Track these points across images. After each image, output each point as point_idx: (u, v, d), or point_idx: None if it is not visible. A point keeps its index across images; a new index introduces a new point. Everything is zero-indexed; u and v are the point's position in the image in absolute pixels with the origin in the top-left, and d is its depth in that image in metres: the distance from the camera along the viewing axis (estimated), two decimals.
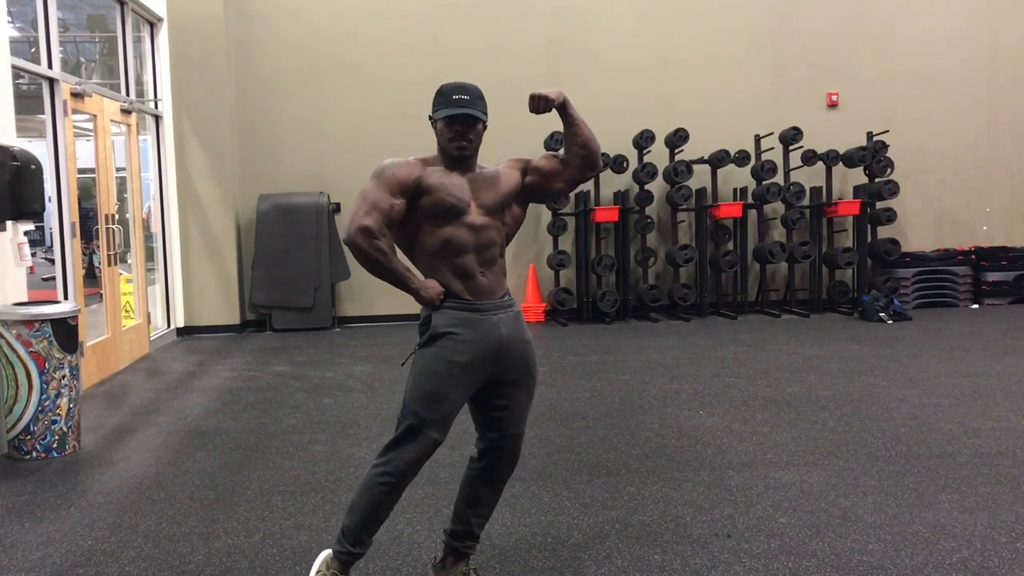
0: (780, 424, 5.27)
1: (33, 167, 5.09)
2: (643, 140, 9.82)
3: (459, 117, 2.80)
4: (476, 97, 2.84)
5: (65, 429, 5.01)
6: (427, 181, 2.80)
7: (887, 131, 10.22)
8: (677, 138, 9.83)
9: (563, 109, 2.93)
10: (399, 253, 2.84)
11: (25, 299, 5.38)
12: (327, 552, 2.90)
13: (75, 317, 5.10)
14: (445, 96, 2.84)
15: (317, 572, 2.85)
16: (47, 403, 4.92)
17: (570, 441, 5.01)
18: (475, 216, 2.82)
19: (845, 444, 4.82)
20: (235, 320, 9.66)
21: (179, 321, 9.52)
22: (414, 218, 2.80)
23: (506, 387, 2.89)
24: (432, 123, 2.89)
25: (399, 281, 2.79)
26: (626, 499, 4.02)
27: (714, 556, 3.36)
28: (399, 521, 3.77)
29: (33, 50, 6.87)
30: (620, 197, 9.91)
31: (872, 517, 3.73)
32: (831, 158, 10.10)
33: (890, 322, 9.25)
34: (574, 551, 3.44)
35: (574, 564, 3.32)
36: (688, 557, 3.36)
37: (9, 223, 5.20)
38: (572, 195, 9.84)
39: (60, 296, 6.60)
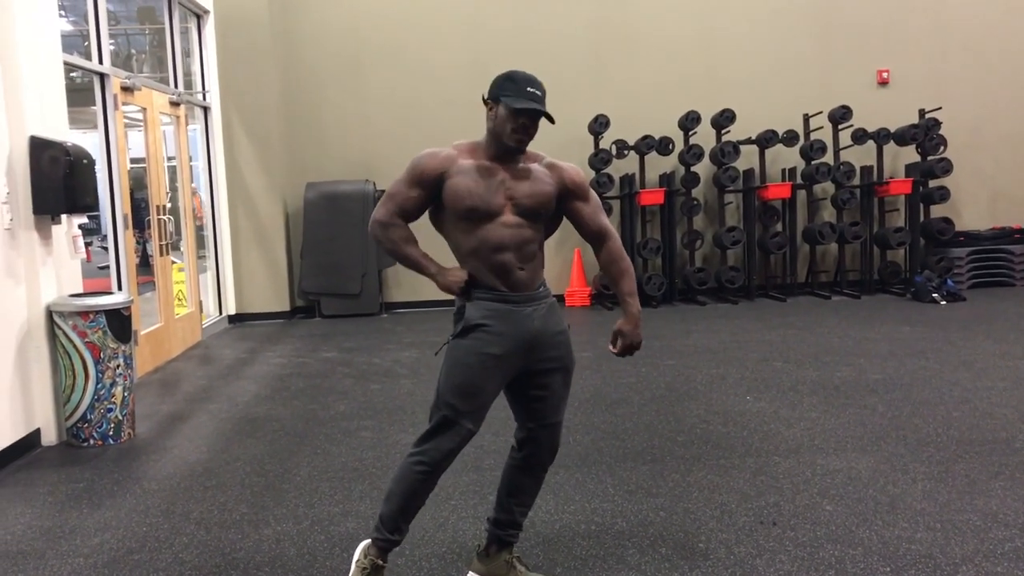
0: (829, 409, 5.21)
1: (85, 162, 5.20)
2: (689, 121, 9.72)
3: (529, 112, 2.74)
4: (544, 93, 2.80)
5: (120, 417, 5.14)
6: (452, 178, 2.77)
7: (939, 108, 9.99)
8: (724, 119, 9.71)
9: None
10: (446, 249, 2.88)
11: (80, 290, 5.51)
12: (366, 541, 2.95)
13: (128, 308, 5.21)
14: (517, 84, 2.77)
15: (357, 562, 2.89)
16: (103, 392, 5.05)
17: (615, 427, 5.01)
18: (509, 215, 2.78)
19: (895, 429, 4.75)
20: (285, 307, 9.80)
21: (230, 308, 9.68)
22: (447, 215, 2.81)
23: (541, 377, 2.89)
24: (487, 105, 2.83)
25: (417, 267, 2.86)
26: (671, 486, 4.02)
27: (759, 544, 3.34)
28: (444, 508, 3.81)
29: (86, 43, 7.00)
30: (666, 179, 9.83)
31: (921, 504, 3.68)
32: (882, 136, 9.91)
33: (943, 303, 9.07)
34: (618, 538, 3.45)
35: (618, 551, 3.33)
36: (733, 545, 3.34)
37: (63, 216, 5.32)
38: (616, 178, 9.78)
39: (114, 287, 6.75)
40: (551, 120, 2.83)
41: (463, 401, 2.76)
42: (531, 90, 2.75)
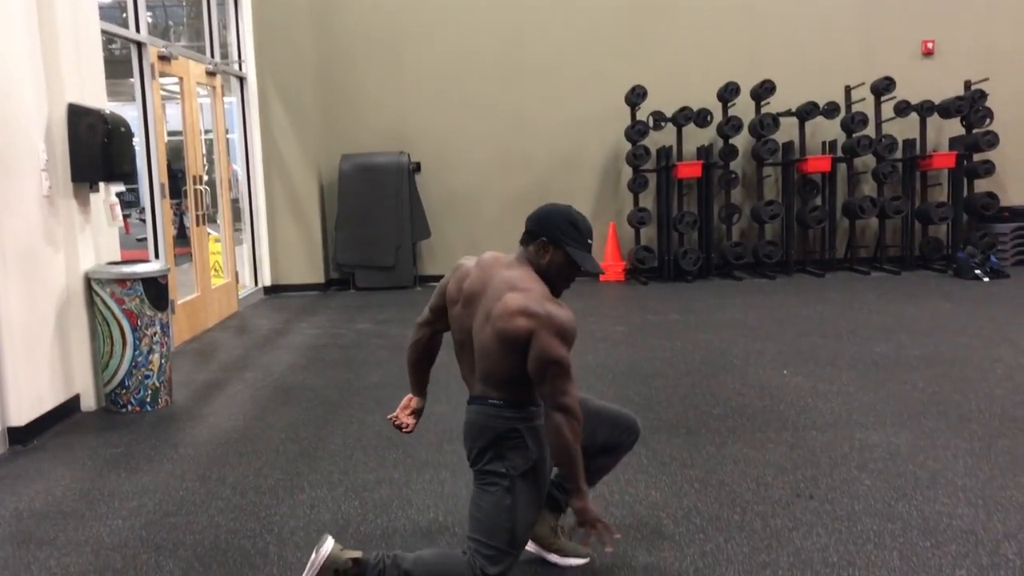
0: (867, 384, 5.13)
1: (123, 130, 5.23)
2: (728, 93, 9.57)
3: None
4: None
5: (157, 384, 5.19)
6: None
7: (986, 79, 9.73)
8: (763, 90, 9.55)
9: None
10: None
11: (118, 259, 5.56)
12: (325, 564, 2.60)
13: (165, 276, 5.25)
14: (582, 234, 2.66)
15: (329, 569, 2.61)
16: (140, 359, 5.10)
17: (649, 400, 4.97)
18: None
19: (935, 405, 4.67)
20: (320, 279, 9.85)
21: (266, 280, 9.74)
22: None
23: None
24: (540, 242, 2.64)
25: (575, 470, 2.55)
26: (705, 458, 3.98)
27: (795, 517, 3.30)
28: None
29: (124, 15, 7.03)
30: (703, 152, 9.70)
31: (963, 480, 3.61)
32: (926, 109, 9.69)
33: (987, 280, 8.90)
34: (652, 509, 3.43)
35: (652, 522, 3.31)
36: (768, 518, 3.30)
37: (101, 184, 5.36)
38: (653, 151, 9.65)
39: (151, 256, 6.81)
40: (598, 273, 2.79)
41: (530, 533, 2.75)
42: (591, 242, 2.70)
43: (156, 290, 5.15)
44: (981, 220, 9.79)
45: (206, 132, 8.67)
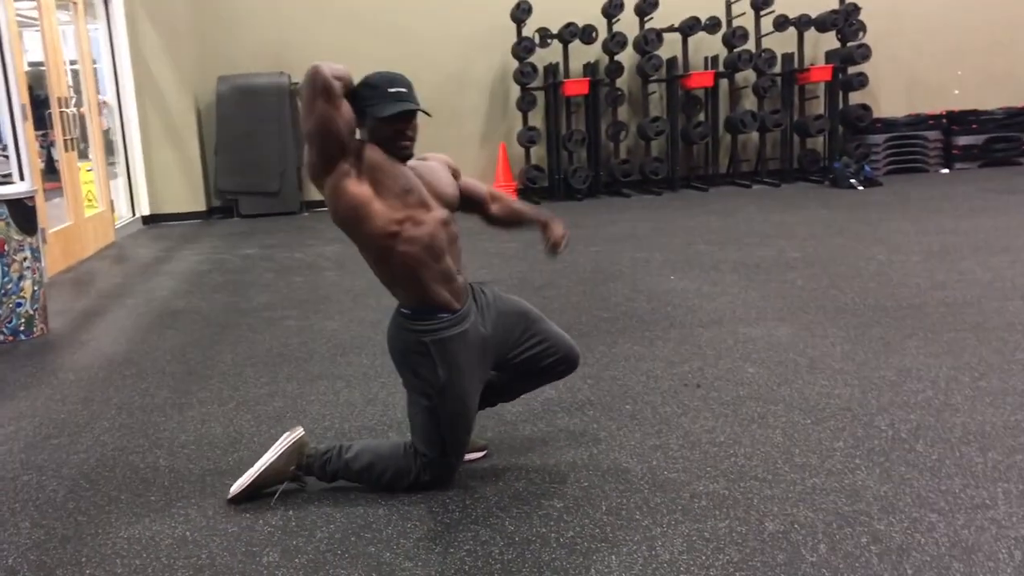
0: (750, 284, 5.30)
1: None
2: (612, 8, 9.55)
3: (405, 114, 2.51)
4: (410, 87, 2.56)
5: (31, 312, 4.94)
6: (369, 153, 2.54)
7: None
8: (647, 5, 9.57)
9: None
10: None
11: None
12: (304, 443, 2.76)
13: (32, 198, 4.97)
14: (379, 89, 2.52)
15: (289, 453, 2.72)
16: (10, 286, 4.84)
17: (542, 307, 4.89)
18: (437, 210, 2.62)
19: (814, 300, 4.86)
20: (201, 207, 9.52)
21: (144, 209, 9.36)
22: (383, 221, 2.55)
23: (522, 343, 2.81)
24: (358, 124, 2.55)
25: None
26: (598, 357, 4.05)
27: (684, 404, 3.40)
28: (373, 384, 3.78)
29: None
30: (590, 69, 9.70)
31: (839, 364, 3.78)
32: (803, 23, 9.90)
33: (861, 188, 9.26)
34: (546, 404, 3.48)
35: (546, 416, 3.36)
36: (658, 406, 3.40)
37: None
38: (541, 68, 9.60)
39: (16, 179, 6.43)
40: (427, 114, 2.62)
41: (465, 443, 2.76)
42: (395, 90, 2.52)
43: (23, 213, 4.87)
44: (855, 132, 10.15)
45: (72, 63, 8.14)
